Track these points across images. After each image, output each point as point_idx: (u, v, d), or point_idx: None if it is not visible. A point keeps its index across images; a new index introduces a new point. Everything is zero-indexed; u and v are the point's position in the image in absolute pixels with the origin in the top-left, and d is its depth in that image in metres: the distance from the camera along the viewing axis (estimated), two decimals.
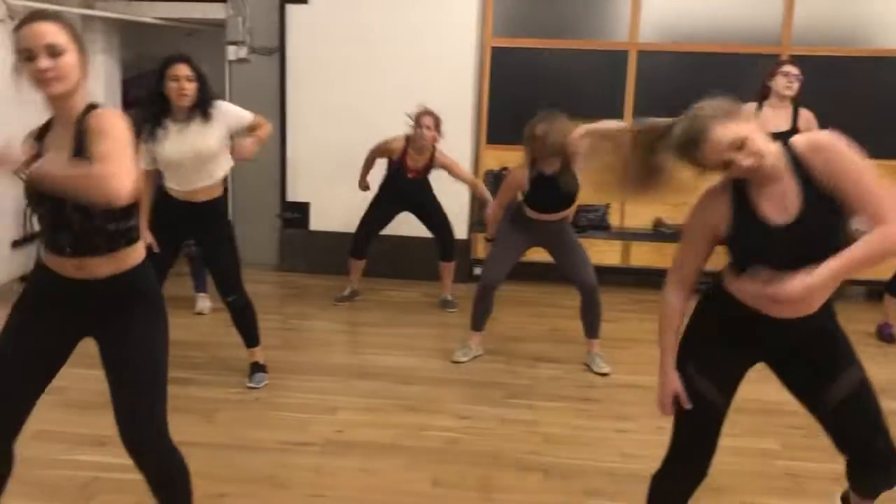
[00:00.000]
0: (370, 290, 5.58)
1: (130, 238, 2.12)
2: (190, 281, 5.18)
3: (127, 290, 2.12)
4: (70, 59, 1.95)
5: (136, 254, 2.14)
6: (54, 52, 1.92)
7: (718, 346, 2.16)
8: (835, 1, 6.03)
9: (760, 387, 2.53)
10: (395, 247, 5.89)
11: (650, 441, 3.42)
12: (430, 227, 5.39)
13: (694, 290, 2.20)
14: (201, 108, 3.58)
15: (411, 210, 5.35)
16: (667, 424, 3.53)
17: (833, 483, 3.03)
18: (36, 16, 1.97)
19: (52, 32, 1.93)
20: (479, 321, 4.41)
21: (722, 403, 2.19)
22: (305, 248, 6.22)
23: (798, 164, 1.96)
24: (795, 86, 4.73)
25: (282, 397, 3.79)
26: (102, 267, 2.07)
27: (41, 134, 2.09)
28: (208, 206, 3.74)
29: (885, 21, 6.07)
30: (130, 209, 2.08)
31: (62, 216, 2.00)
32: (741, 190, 2.02)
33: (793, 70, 4.75)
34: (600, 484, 3.06)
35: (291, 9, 5.99)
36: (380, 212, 5.35)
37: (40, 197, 2.00)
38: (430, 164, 5.13)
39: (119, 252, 2.09)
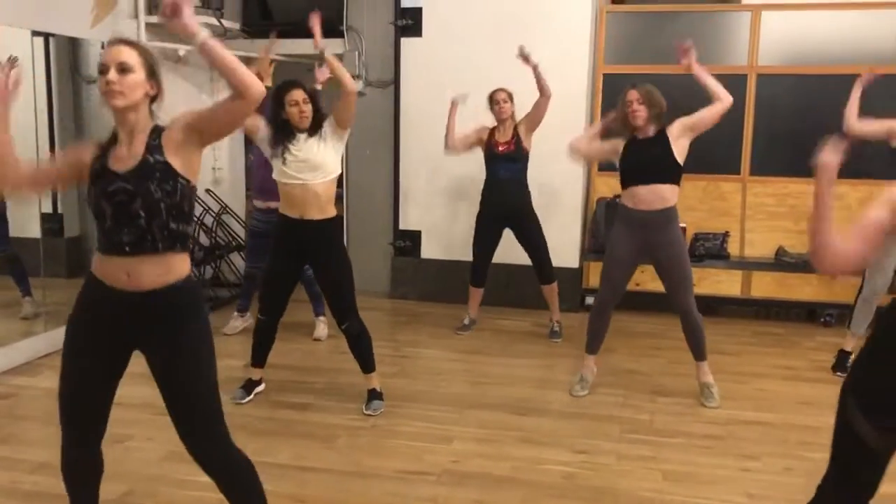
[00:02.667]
0: (482, 318, 5.59)
1: (185, 243, 2.27)
2: (308, 306, 5.33)
3: (175, 303, 2.25)
4: (135, 77, 2.16)
5: (185, 264, 2.29)
6: (123, 69, 2.14)
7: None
8: None
9: None
10: (505, 275, 5.89)
11: (777, 483, 3.27)
12: (528, 246, 5.34)
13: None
14: (318, 125, 3.84)
15: (513, 226, 5.33)
16: (795, 465, 3.41)
17: None
18: (118, 40, 2.20)
19: (125, 53, 2.16)
20: (591, 343, 4.34)
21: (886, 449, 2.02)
22: (416, 276, 6.30)
23: None
24: None
25: (398, 425, 3.84)
26: (153, 271, 2.20)
27: (107, 145, 2.26)
28: (323, 226, 3.87)
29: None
30: (189, 213, 2.26)
31: (128, 212, 2.16)
32: None
33: None
34: None
35: (406, 42, 6.13)
36: (485, 230, 5.36)
37: (110, 194, 2.16)
38: (517, 134, 5.19)
39: (171, 255, 2.23)
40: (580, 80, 5.93)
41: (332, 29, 6.16)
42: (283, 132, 3.82)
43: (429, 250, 6.31)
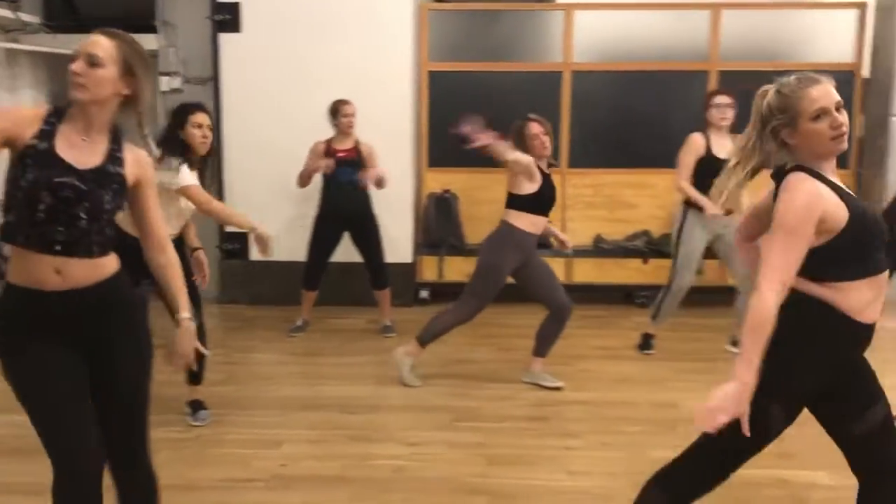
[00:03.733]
0: (315, 318, 5.51)
1: (113, 247, 2.14)
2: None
3: (109, 296, 2.10)
4: (104, 73, 2.00)
5: (114, 263, 2.14)
6: (93, 62, 2.00)
7: (812, 378, 2.06)
8: (758, 18, 6.23)
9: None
10: (338, 273, 5.85)
11: (596, 458, 3.44)
12: (365, 251, 5.33)
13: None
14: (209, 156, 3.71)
15: (352, 230, 5.30)
16: (613, 440, 3.60)
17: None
18: (101, 30, 2.07)
19: (101, 45, 2.02)
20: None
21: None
22: (246, 280, 6.12)
23: None
24: (729, 114, 4.61)
25: (225, 434, 3.71)
26: (84, 272, 2.05)
27: (52, 122, 2.03)
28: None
29: (808, 36, 6.30)
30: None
31: (69, 211, 1.98)
32: (827, 180, 2.00)
33: (723, 100, 4.62)
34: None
35: (224, 38, 5.94)
36: (324, 234, 5.30)
37: (56, 186, 1.96)
38: (358, 146, 5.19)
39: (102, 259, 2.09)
40: (404, 77, 5.97)
41: (146, 24, 5.87)
42: (171, 148, 3.56)
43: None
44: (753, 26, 6.26)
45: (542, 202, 4.23)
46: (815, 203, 1.94)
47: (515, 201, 4.21)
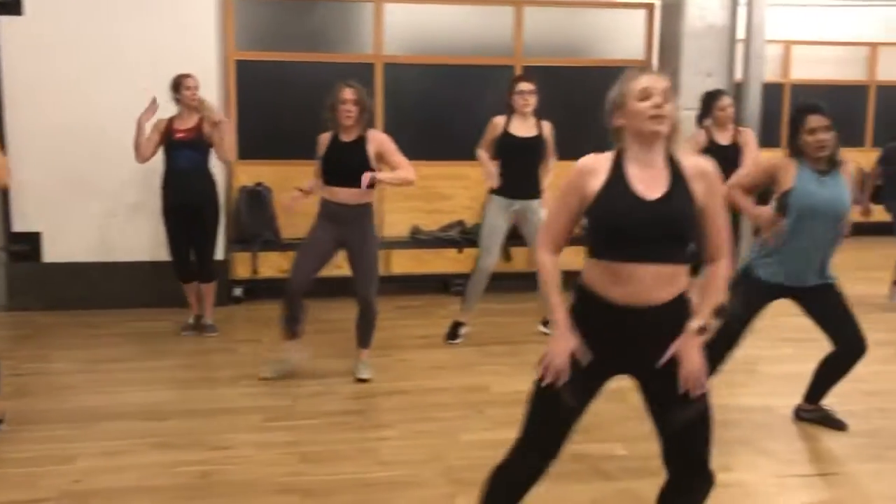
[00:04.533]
0: (113, 322, 5.17)
1: None
2: None
3: None
4: None
5: None
6: None
7: (593, 351, 2.16)
8: (557, 15, 6.53)
9: (515, 380, 2.63)
10: (141, 273, 5.54)
11: (409, 446, 3.47)
12: (198, 238, 5.08)
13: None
14: None
15: (194, 217, 5.01)
16: (427, 427, 3.65)
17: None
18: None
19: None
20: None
21: (580, 407, 2.21)
22: (38, 284, 5.64)
23: (676, 167, 2.13)
24: (532, 101, 4.77)
25: (9, 452, 3.38)
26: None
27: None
28: None
29: (603, 34, 6.69)
30: None
31: None
32: (619, 164, 2.14)
33: (526, 87, 4.78)
34: (360, 496, 3.03)
35: (5, 21, 5.42)
36: (174, 225, 5.02)
37: None
38: (200, 123, 4.93)
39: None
40: (209, 66, 5.72)
41: None
42: None
43: (53, 253, 5.67)
44: (554, 23, 6.56)
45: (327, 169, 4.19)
46: (578, 178, 2.15)
47: None
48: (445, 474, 2.34)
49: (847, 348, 3.52)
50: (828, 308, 3.52)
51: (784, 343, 4.73)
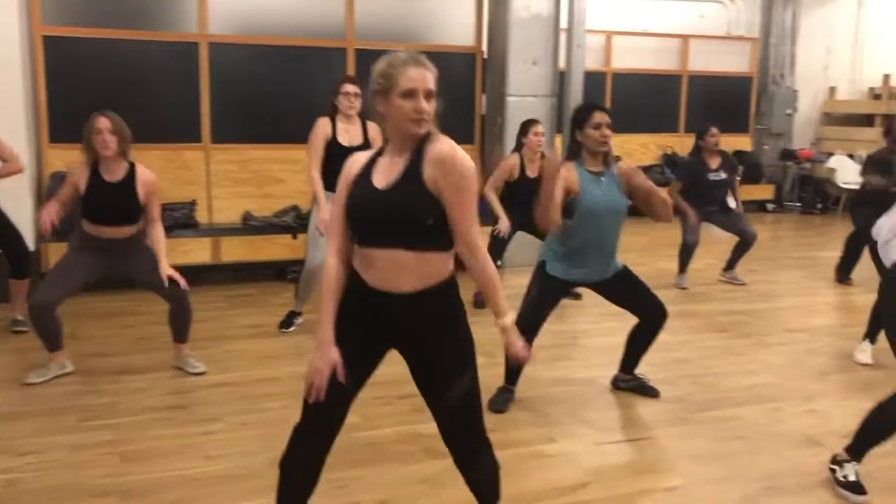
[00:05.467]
0: None
1: None
2: None
3: None
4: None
5: None
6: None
7: (355, 329, 2.20)
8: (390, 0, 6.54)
9: None
10: None
11: (236, 439, 3.37)
12: (3, 234, 4.68)
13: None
14: None
15: None
16: (253, 419, 3.56)
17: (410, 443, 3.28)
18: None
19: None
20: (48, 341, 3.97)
21: (353, 389, 2.24)
22: None
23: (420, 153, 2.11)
24: (357, 103, 4.60)
25: None
26: None
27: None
28: None
29: (435, 19, 6.76)
30: None
31: None
32: (375, 157, 2.19)
33: (351, 89, 4.61)
34: (184, 493, 2.92)
35: None
36: None
37: None
38: None
39: None
40: (11, 42, 5.26)
41: None
42: None
43: None
44: (386, 7, 6.55)
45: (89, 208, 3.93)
46: (343, 179, 2.21)
47: None
48: (274, 464, 2.28)
49: (650, 319, 3.77)
50: (623, 291, 3.73)
51: (607, 317, 4.99)
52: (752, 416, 3.70)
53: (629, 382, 3.96)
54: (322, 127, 4.62)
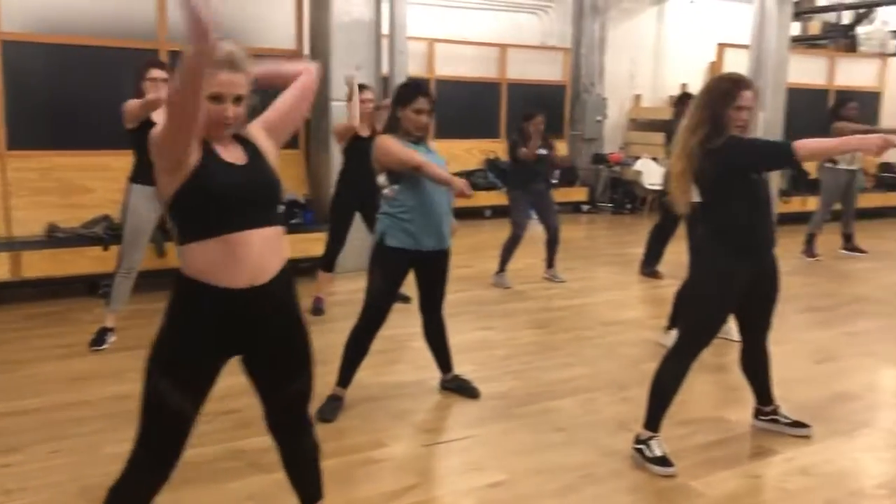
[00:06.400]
0: None
1: None
2: None
3: None
4: None
5: None
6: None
7: (193, 349, 2.10)
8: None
9: None
10: None
11: (41, 469, 3.11)
12: None
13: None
14: None
15: None
16: (62, 446, 3.30)
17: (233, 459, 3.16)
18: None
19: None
20: None
21: (195, 410, 2.15)
22: None
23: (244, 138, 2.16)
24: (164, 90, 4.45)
25: None
26: None
27: None
28: None
29: (257, 22, 6.59)
30: None
31: None
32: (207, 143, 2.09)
33: (158, 74, 4.38)
34: None
35: None
36: None
37: None
38: None
39: None
40: None
41: None
42: None
43: None
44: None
45: None
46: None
47: None
48: (83, 494, 2.12)
49: (429, 309, 3.86)
50: (435, 275, 3.78)
51: None
52: (570, 407, 3.88)
53: (451, 383, 4.03)
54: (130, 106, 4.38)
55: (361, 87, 5.37)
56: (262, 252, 2.08)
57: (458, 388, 4.00)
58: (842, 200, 8.12)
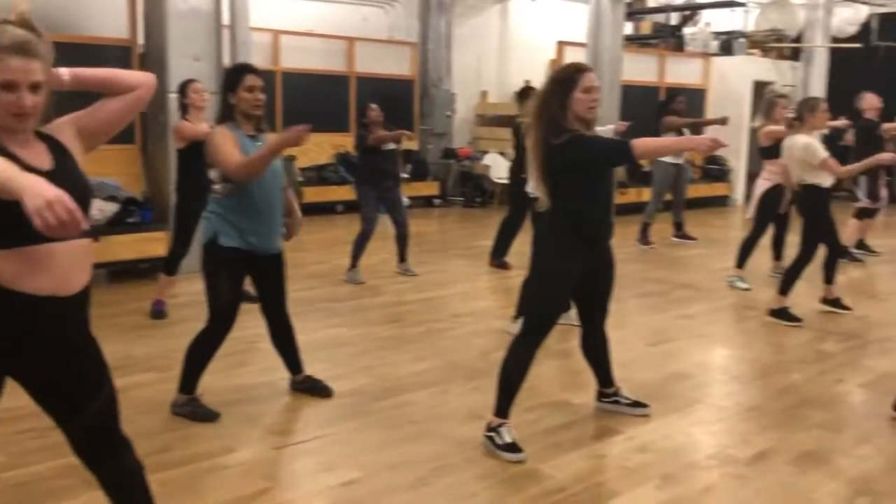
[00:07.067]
0: None
1: None
2: None
3: None
4: None
5: None
6: None
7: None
8: None
9: None
10: None
11: None
12: None
13: None
14: None
15: None
16: None
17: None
18: None
19: None
20: None
21: None
22: None
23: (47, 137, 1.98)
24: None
25: None
26: None
27: None
28: None
29: (89, 11, 6.18)
30: None
31: None
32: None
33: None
34: None
35: None
36: None
37: None
38: None
39: None
40: None
41: None
42: None
43: None
44: None
45: None
46: None
47: None
48: None
49: (273, 310, 3.78)
50: (275, 279, 3.71)
51: None
52: (422, 400, 3.90)
53: (302, 384, 3.96)
54: None
55: (192, 82, 5.18)
56: (66, 266, 1.92)
57: (310, 388, 3.93)
58: (672, 191, 8.66)
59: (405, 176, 6.69)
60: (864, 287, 6.82)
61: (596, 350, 3.71)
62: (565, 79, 3.23)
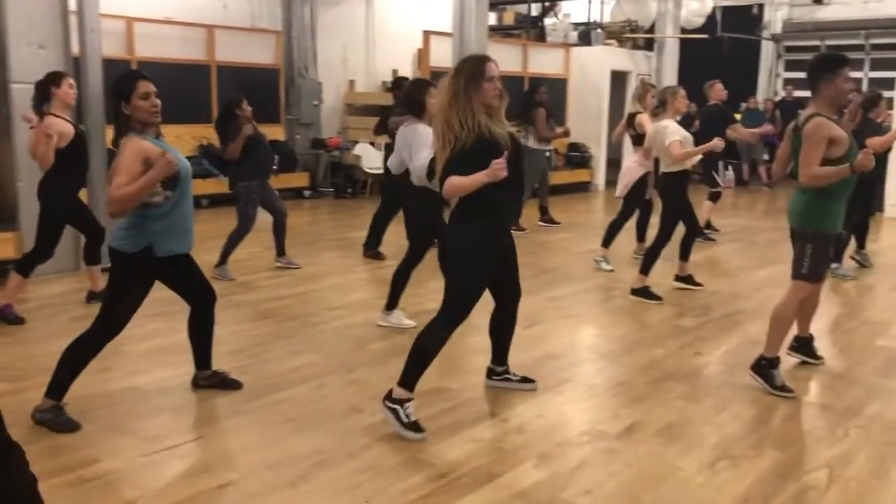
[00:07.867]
0: None
1: None
2: None
3: None
4: None
5: None
6: None
7: None
8: None
9: None
10: None
11: None
12: None
13: None
14: None
15: None
16: None
17: None
18: None
19: None
20: None
21: None
22: None
23: None
24: None
25: None
26: None
27: None
28: None
29: None
30: None
31: None
32: None
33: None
34: None
35: None
36: None
37: None
38: None
39: None
40: None
41: None
42: None
43: None
44: None
45: None
46: None
47: None
48: None
49: (204, 301, 3.73)
50: (188, 273, 3.65)
51: (151, 319, 4.72)
52: (300, 396, 3.84)
53: (209, 379, 3.85)
54: None
55: (61, 75, 4.88)
56: None
57: (218, 382, 3.87)
58: (538, 178, 8.90)
59: (274, 167, 6.55)
60: (716, 265, 7.27)
61: (501, 329, 3.85)
62: (474, 71, 3.32)
